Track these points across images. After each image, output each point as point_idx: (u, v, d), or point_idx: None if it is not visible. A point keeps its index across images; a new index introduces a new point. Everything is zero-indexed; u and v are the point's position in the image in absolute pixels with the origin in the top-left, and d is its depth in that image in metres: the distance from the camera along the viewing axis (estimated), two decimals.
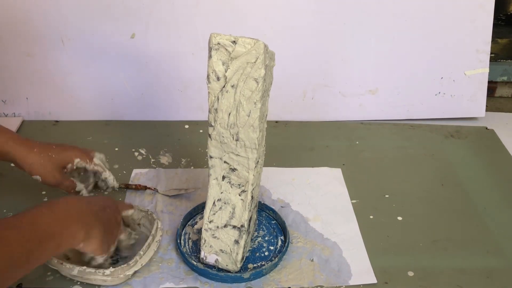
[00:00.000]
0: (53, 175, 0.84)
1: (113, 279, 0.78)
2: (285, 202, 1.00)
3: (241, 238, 0.82)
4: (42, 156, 0.83)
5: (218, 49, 0.70)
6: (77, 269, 0.77)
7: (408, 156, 1.16)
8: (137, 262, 0.80)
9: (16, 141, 0.83)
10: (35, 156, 0.83)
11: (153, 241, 0.84)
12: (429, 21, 1.23)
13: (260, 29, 1.19)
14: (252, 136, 0.74)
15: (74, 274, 0.78)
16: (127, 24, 1.17)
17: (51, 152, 0.85)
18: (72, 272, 0.77)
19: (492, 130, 1.26)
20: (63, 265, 0.77)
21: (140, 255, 0.80)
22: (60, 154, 0.86)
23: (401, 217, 0.97)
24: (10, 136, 0.83)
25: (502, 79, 1.43)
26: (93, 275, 0.77)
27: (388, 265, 0.87)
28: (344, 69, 1.26)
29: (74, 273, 0.77)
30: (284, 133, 1.23)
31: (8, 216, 0.91)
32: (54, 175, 0.84)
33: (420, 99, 1.29)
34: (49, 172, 0.83)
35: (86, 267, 0.77)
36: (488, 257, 0.89)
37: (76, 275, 0.78)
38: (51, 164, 0.84)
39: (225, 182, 0.80)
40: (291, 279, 0.83)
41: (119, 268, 0.78)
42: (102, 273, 0.77)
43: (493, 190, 1.05)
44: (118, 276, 0.78)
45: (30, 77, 1.20)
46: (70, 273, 0.78)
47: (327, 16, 1.21)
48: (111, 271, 0.77)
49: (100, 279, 0.78)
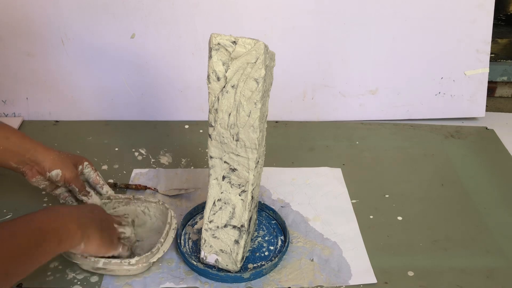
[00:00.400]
0: (72, 170, 0.86)
1: (137, 268, 0.80)
2: (285, 202, 1.00)
3: (241, 238, 0.82)
4: (61, 153, 0.87)
5: (218, 50, 0.70)
6: (102, 261, 0.78)
7: (408, 156, 1.16)
8: (159, 249, 0.82)
9: (33, 140, 0.86)
10: (56, 152, 0.86)
11: (170, 229, 0.85)
12: (429, 21, 1.23)
13: (260, 29, 1.19)
14: (252, 136, 0.74)
15: (98, 267, 0.79)
16: (127, 24, 1.17)
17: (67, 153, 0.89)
18: (97, 265, 0.79)
19: (492, 130, 1.26)
20: (88, 259, 0.78)
21: (161, 242, 0.83)
22: (73, 155, 0.90)
23: (401, 217, 0.97)
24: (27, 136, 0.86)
25: (502, 79, 1.43)
26: (118, 266, 0.79)
27: (388, 265, 0.87)
28: (344, 69, 1.26)
29: (99, 266, 0.79)
30: (284, 133, 1.23)
31: (8, 217, 0.92)
32: (73, 170, 0.87)
33: (420, 99, 1.29)
34: (69, 166, 0.86)
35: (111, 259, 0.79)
36: (488, 257, 0.89)
37: (101, 267, 0.79)
38: (69, 161, 0.87)
39: (225, 182, 0.80)
40: (291, 279, 0.83)
41: (143, 256, 0.80)
42: (128, 262, 0.79)
43: (493, 190, 1.05)
44: (143, 265, 0.80)
45: (30, 77, 1.20)
46: (95, 266, 0.79)
47: (327, 16, 1.21)
48: (136, 260, 0.79)
49: (125, 269, 0.80)
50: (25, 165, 0.85)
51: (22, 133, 0.87)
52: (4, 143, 0.83)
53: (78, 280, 0.81)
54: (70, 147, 1.11)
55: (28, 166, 0.85)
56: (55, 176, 0.85)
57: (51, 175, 0.85)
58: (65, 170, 0.86)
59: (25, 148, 0.84)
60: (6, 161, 0.84)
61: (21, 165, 0.85)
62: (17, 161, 0.84)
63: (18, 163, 0.84)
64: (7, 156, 0.84)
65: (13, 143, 0.83)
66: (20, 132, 0.87)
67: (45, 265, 0.82)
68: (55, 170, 0.85)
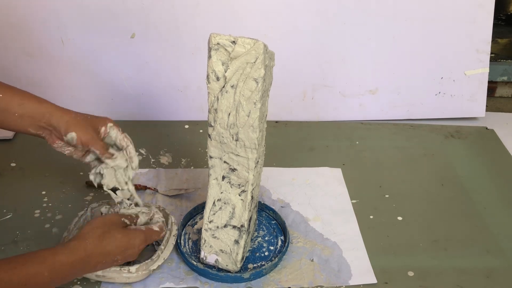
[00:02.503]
0: (88, 132, 0.81)
1: (137, 275, 0.79)
2: (285, 202, 1.00)
3: (241, 238, 0.82)
4: (78, 115, 0.82)
5: (218, 49, 0.70)
6: None
7: (408, 156, 1.16)
8: (159, 256, 0.81)
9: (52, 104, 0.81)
10: (72, 114, 0.81)
11: (171, 235, 0.85)
12: (429, 21, 1.23)
13: (260, 29, 1.19)
14: (251, 136, 0.74)
15: (98, 274, 0.78)
16: (127, 24, 1.17)
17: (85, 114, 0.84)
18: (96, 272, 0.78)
19: (492, 130, 1.26)
20: None
21: (162, 249, 0.82)
22: (94, 117, 0.85)
23: (401, 217, 0.97)
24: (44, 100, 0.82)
25: (502, 79, 1.43)
26: (118, 273, 0.78)
27: (388, 265, 0.87)
28: (344, 69, 1.26)
29: (98, 273, 0.78)
30: (284, 133, 1.23)
31: (7, 217, 0.92)
32: (89, 132, 0.81)
33: (420, 99, 1.29)
34: (85, 129, 0.81)
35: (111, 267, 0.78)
36: (488, 257, 0.89)
37: (100, 275, 0.78)
38: (87, 123, 0.82)
39: (225, 182, 0.80)
40: (291, 279, 0.83)
41: (143, 264, 0.79)
42: (128, 270, 0.78)
43: (493, 190, 1.05)
44: (142, 272, 0.79)
45: (30, 77, 1.20)
46: (94, 273, 0.78)
47: (327, 16, 1.21)
48: (136, 268, 0.79)
49: (125, 277, 0.79)
50: (44, 131, 0.80)
51: (37, 97, 0.81)
52: (18, 109, 0.78)
53: (78, 280, 0.81)
54: None
55: (47, 132, 0.80)
56: (70, 140, 0.80)
57: (67, 139, 0.80)
58: (80, 132, 0.80)
59: (40, 113, 0.79)
60: (24, 128, 0.80)
61: (40, 131, 0.80)
62: (35, 127, 0.80)
63: (37, 129, 0.80)
64: (24, 123, 0.79)
65: (28, 109, 0.79)
66: (36, 97, 0.81)
67: None
68: (69, 133, 0.80)
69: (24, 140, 1.14)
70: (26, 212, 0.94)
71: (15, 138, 1.14)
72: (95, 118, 0.84)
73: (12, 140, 1.13)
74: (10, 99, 0.78)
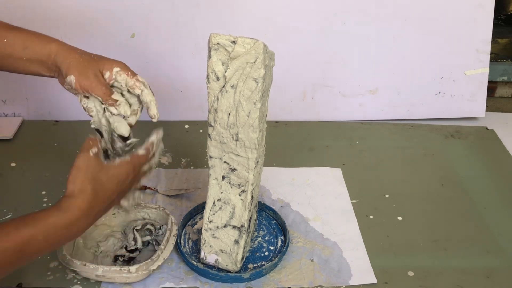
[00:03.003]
0: (88, 77, 0.74)
1: (137, 275, 0.79)
2: (285, 202, 1.00)
3: (241, 238, 0.82)
4: (83, 56, 0.75)
5: (218, 49, 0.70)
6: (101, 269, 0.77)
7: (408, 156, 1.16)
8: (159, 256, 0.81)
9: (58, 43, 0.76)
10: (76, 55, 0.75)
11: (171, 235, 0.85)
12: (429, 21, 1.23)
13: (260, 29, 1.19)
14: (251, 136, 0.74)
15: (98, 274, 0.78)
16: (127, 24, 1.17)
17: (93, 55, 0.77)
18: (96, 272, 0.77)
19: (492, 130, 1.26)
20: (87, 266, 0.77)
21: (161, 249, 0.82)
22: (102, 58, 0.77)
23: (401, 217, 0.97)
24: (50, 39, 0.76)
25: (502, 79, 1.43)
26: (118, 273, 0.78)
27: (388, 265, 0.87)
28: (344, 69, 1.26)
29: (98, 273, 0.78)
30: (284, 133, 1.23)
31: (7, 217, 0.92)
32: (88, 77, 0.74)
33: (420, 99, 1.29)
34: (85, 72, 0.74)
35: (111, 267, 0.78)
36: (488, 257, 0.89)
37: (100, 275, 0.78)
38: (89, 65, 0.75)
39: (225, 182, 0.80)
40: (291, 279, 0.83)
41: (143, 264, 0.79)
42: (128, 270, 0.78)
43: (493, 190, 1.05)
44: (142, 272, 0.79)
45: (30, 77, 1.19)
46: (94, 273, 0.78)
47: (327, 16, 1.21)
48: (136, 268, 0.78)
49: (125, 277, 0.79)
50: (55, 73, 0.76)
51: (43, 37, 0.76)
52: (24, 54, 0.74)
53: (78, 280, 0.81)
54: (70, 147, 1.11)
55: (58, 73, 0.76)
56: (69, 83, 0.74)
57: (67, 82, 0.74)
58: (80, 76, 0.73)
59: (46, 54, 0.74)
60: (37, 71, 0.76)
61: (52, 73, 0.76)
62: (46, 70, 0.75)
63: (49, 72, 0.75)
64: (35, 67, 0.75)
65: (33, 53, 0.74)
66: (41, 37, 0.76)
67: (45, 265, 0.82)
68: (69, 76, 0.73)
69: (24, 140, 1.14)
70: (26, 212, 0.93)
71: (15, 138, 1.14)
72: (101, 60, 0.76)
73: (12, 140, 1.13)
74: (13, 44, 0.74)
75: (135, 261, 0.84)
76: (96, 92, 0.74)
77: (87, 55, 0.75)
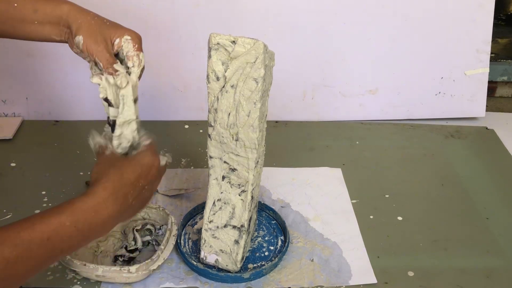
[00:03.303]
0: (96, 40, 0.71)
1: (137, 275, 0.79)
2: (285, 202, 1.00)
3: (241, 238, 0.82)
4: (96, 19, 0.73)
5: (218, 49, 0.70)
6: (101, 269, 0.77)
7: (408, 156, 1.16)
8: (159, 256, 0.81)
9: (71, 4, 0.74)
10: (88, 17, 0.72)
11: (171, 235, 0.85)
12: (429, 21, 1.23)
13: (260, 29, 1.19)
14: (251, 136, 0.74)
15: (98, 274, 0.78)
16: (127, 24, 1.17)
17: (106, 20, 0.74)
18: (96, 272, 0.77)
19: (492, 130, 1.26)
20: (87, 266, 0.77)
21: (162, 249, 0.82)
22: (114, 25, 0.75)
23: (401, 217, 0.97)
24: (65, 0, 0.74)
25: (502, 79, 1.42)
26: (118, 273, 0.78)
27: (388, 265, 0.87)
28: (344, 69, 1.25)
29: (98, 273, 0.77)
30: (284, 133, 1.23)
31: (7, 217, 0.92)
32: (96, 40, 0.71)
33: (420, 99, 1.29)
34: (94, 35, 0.71)
35: (111, 267, 0.78)
36: (488, 257, 0.89)
37: (100, 275, 0.78)
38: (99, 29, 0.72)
39: (225, 182, 0.80)
40: (291, 279, 0.83)
41: (143, 264, 0.79)
42: (127, 270, 0.77)
43: (493, 190, 1.05)
44: (142, 272, 0.79)
45: (30, 77, 1.20)
46: (94, 273, 0.78)
47: (327, 16, 1.21)
48: (136, 268, 0.78)
49: (125, 277, 0.79)
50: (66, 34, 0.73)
51: None
52: (35, 16, 0.72)
53: (78, 280, 0.81)
54: (70, 147, 1.11)
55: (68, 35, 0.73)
56: (77, 43, 0.71)
57: (75, 42, 0.72)
58: (88, 38, 0.71)
59: (57, 15, 0.72)
60: (49, 36, 0.73)
61: (63, 36, 0.73)
62: (57, 32, 0.73)
63: (60, 35, 0.73)
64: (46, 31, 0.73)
65: (44, 15, 0.72)
66: None
67: None
68: (77, 36, 0.71)
69: (24, 140, 1.14)
70: (26, 212, 0.93)
71: (15, 138, 1.14)
72: (113, 27, 0.74)
73: (12, 140, 1.13)
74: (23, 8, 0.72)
75: (135, 261, 0.84)
76: (99, 57, 0.72)
77: (99, 19, 0.73)
